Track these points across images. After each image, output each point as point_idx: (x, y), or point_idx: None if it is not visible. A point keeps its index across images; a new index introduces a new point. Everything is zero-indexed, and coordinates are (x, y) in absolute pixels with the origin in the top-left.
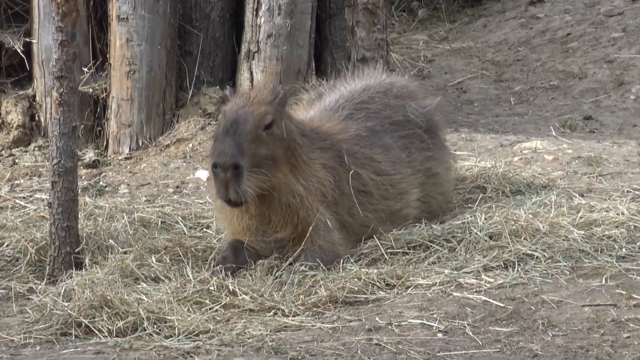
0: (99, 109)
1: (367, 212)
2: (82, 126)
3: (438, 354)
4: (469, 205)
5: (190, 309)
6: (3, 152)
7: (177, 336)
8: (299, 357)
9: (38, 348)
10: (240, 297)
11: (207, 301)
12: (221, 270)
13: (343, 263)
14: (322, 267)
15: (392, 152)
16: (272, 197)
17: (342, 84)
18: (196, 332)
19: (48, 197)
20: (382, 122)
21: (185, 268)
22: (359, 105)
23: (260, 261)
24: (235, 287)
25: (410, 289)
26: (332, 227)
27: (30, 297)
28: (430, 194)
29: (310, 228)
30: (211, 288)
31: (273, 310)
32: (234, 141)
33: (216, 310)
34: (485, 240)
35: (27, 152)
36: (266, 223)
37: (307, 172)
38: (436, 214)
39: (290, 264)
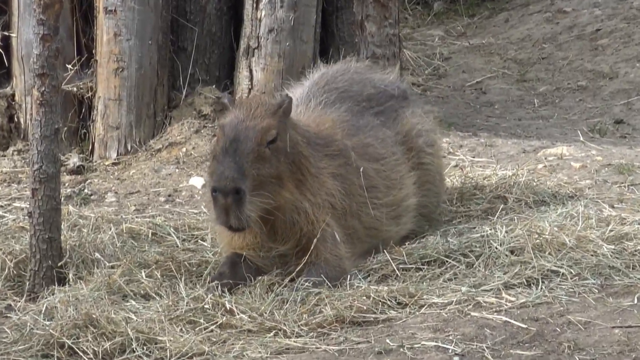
0: (84, 110)
1: (375, 210)
2: (66, 128)
3: None
4: (489, 217)
5: (183, 329)
6: None
7: (169, 358)
8: None
9: None
10: (237, 317)
11: (202, 320)
12: (217, 287)
13: (350, 279)
14: (327, 284)
15: (378, 131)
16: (276, 216)
17: (299, 82)
18: (190, 355)
19: (28, 206)
20: (356, 100)
21: (178, 284)
22: (327, 89)
23: (260, 277)
24: (232, 306)
25: (424, 308)
26: (340, 240)
27: (8, 315)
28: (423, 172)
29: (316, 240)
30: (206, 306)
31: (274, 331)
32: (235, 162)
33: (211, 331)
34: (506, 255)
35: (5, 156)
36: (269, 239)
37: (315, 185)
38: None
39: (293, 279)
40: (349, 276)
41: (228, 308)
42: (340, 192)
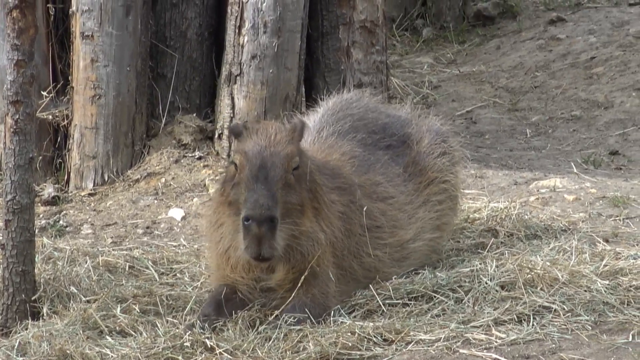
0: (59, 139)
1: (377, 250)
2: (40, 158)
3: None
4: (479, 251)
5: None
6: None
7: None
8: None
9: None
10: (217, 353)
11: (180, 358)
12: (197, 325)
13: (334, 315)
14: (310, 320)
15: (388, 169)
16: (291, 246)
17: (312, 109)
18: None
19: (1, 238)
20: (370, 130)
21: (156, 321)
22: (341, 115)
23: (241, 313)
24: (212, 343)
25: (410, 345)
26: (331, 278)
27: None
28: (439, 203)
29: (309, 276)
30: (185, 344)
31: None
32: (267, 190)
33: None
34: (497, 291)
35: None
36: (268, 270)
37: (329, 216)
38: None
39: (276, 316)
40: (332, 312)
41: (209, 346)
42: (342, 231)
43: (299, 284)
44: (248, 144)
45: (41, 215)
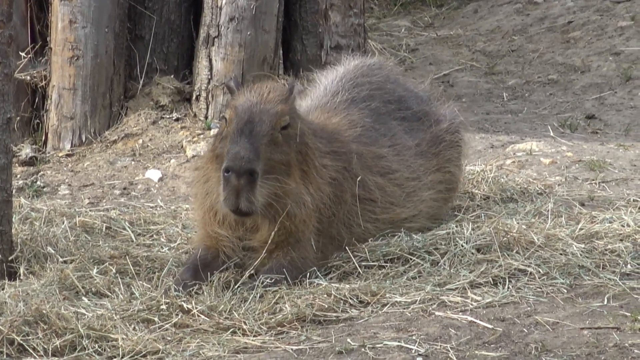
0: (37, 99)
1: (368, 224)
2: (18, 118)
3: None
4: (455, 213)
5: (137, 327)
6: None
7: (122, 357)
8: None
9: None
10: (193, 314)
11: (156, 319)
12: (174, 287)
13: (310, 277)
14: (287, 281)
15: (398, 140)
16: (274, 205)
17: (332, 67)
18: (143, 353)
19: None
20: (386, 100)
21: (133, 283)
22: (359, 82)
23: (217, 274)
24: (189, 306)
25: (386, 307)
26: (313, 245)
27: None
28: (439, 192)
29: (290, 239)
30: (162, 307)
31: (231, 329)
32: (250, 143)
33: (166, 329)
34: (473, 254)
35: None
36: (252, 230)
37: (317, 181)
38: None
39: (251, 276)
40: (308, 273)
41: (185, 308)
42: (331, 198)
43: (278, 245)
44: (240, 99)
45: (19, 176)
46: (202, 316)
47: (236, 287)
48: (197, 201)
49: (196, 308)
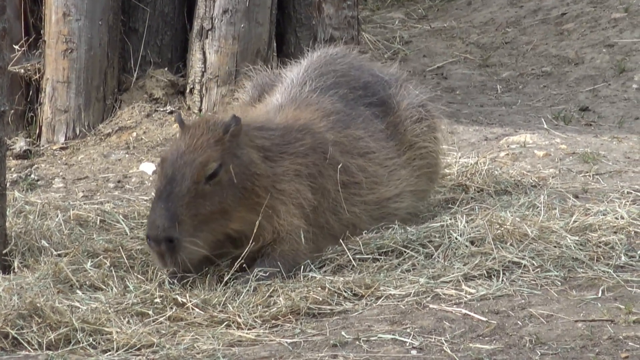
0: (31, 93)
1: (354, 207)
2: (12, 111)
3: None
4: (449, 206)
5: (131, 321)
6: None
7: (116, 350)
8: None
9: None
10: (187, 308)
11: (150, 312)
12: (167, 280)
13: (304, 270)
14: (281, 274)
15: (370, 124)
16: (229, 238)
17: (296, 61)
18: (138, 346)
19: None
20: (352, 87)
21: (127, 276)
22: (325, 70)
23: (211, 267)
24: (184, 299)
25: (380, 300)
26: (302, 238)
27: None
28: (418, 169)
29: (277, 235)
30: (156, 300)
31: (226, 323)
32: (167, 209)
33: (161, 323)
34: (467, 246)
35: None
36: (227, 252)
37: (275, 200)
38: (425, 199)
39: (244, 269)
40: (302, 266)
41: (180, 301)
42: (309, 189)
43: (268, 242)
44: (170, 149)
45: (13, 169)
46: (197, 309)
47: (227, 278)
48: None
49: (190, 301)
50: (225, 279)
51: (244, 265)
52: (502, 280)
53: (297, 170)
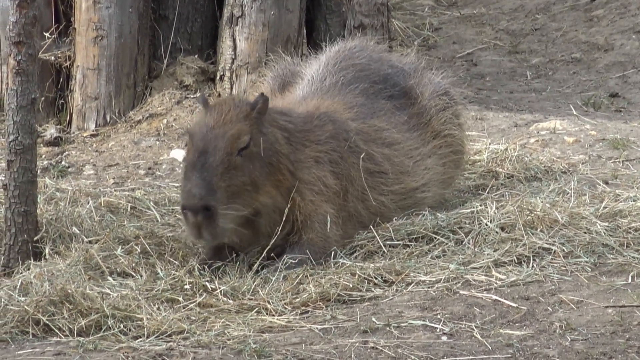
0: (61, 80)
1: (382, 196)
2: (43, 98)
3: None
4: (479, 192)
5: (161, 307)
6: None
7: (147, 337)
8: None
9: None
10: (218, 295)
11: (181, 299)
12: (197, 267)
13: (334, 257)
14: (310, 261)
15: (393, 116)
16: (257, 218)
17: (313, 57)
18: (168, 333)
19: (3, 178)
20: (373, 80)
21: (157, 263)
22: (344, 65)
23: (241, 255)
24: (213, 285)
25: (411, 286)
26: (330, 223)
27: None
28: (444, 156)
29: (300, 223)
30: (186, 286)
31: (256, 309)
32: (202, 178)
33: (191, 309)
34: (497, 232)
35: None
36: (253, 239)
37: (293, 184)
38: (452, 186)
39: (273, 258)
40: (331, 253)
41: (209, 288)
42: (332, 174)
43: (297, 230)
44: (198, 123)
45: (43, 156)
46: (226, 297)
47: (259, 265)
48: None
49: (219, 288)
50: (255, 266)
51: (273, 254)
52: (532, 266)
53: (317, 157)
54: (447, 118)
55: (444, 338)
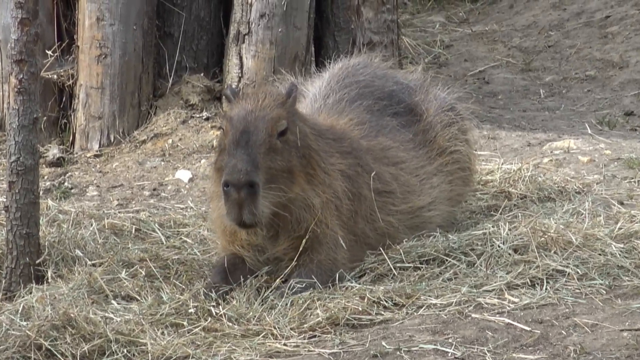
0: (64, 99)
1: (389, 217)
2: (45, 118)
3: None
4: (491, 213)
5: (165, 332)
6: None
7: None
8: None
9: None
10: (222, 320)
11: (185, 323)
12: (203, 292)
13: (343, 280)
14: (317, 286)
15: (398, 134)
16: (282, 214)
17: (316, 74)
18: (173, 358)
19: (4, 200)
20: (377, 97)
21: (162, 287)
22: (348, 82)
23: (248, 281)
24: (218, 310)
25: (422, 310)
26: (340, 245)
27: None
28: (451, 174)
29: (312, 241)
30: (190, 310)
31: (262, 334)
32: (247, 154)
33: (196, 334)
34: (509, 254)
35: None
36: (271, 240)
37: (326, 181)
38: (461, 204)
39: (284, 281)
40: (338, 276)
41: (214, 313)
42: (347, 194)
43: (303, 250)
44: (235, 108)
45: (46, 177)
46: (231, 322)
47: (266, 294)
48: (211, 216)
49: (225, 314)
50: (263, 294)
51: (282, 278)
52: (546, 289)
53: (343, 170)
54: (453, 134)
55: None
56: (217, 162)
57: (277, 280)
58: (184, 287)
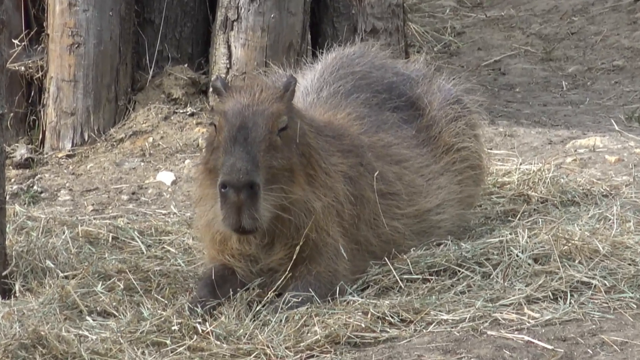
0: (33, 93)
1: (394, 221)
2: (12, 114)
3: None
4: (509, 219)
5: (146, 351)
6: None
7: None
8: None
9: None
10: (208, 337)
11: (168, 342)
12: (188, 307)
13: (344, 294)
14: (315, 300)
15: (399, 130)
16: (282, 217)
17: (308, 66)
18: None
19: None
20: (375, 90)
21: (142, 301)
22: (343, 74)
23: (239, 294)
24: (205, 328)
25: (432, 326)
26: (341, 255)
27: None
28: (460, 173)
29: (310, 250)
30: (173, 328)
31: (254, 354)
32: (246, 152)
33: (180, 353)
34: (529, 265)
35: None
36: (265, 249)
37: (327, 184)
38: (472, 207)
39: (278, 294)
40: (338, 289)
41: (200, 331)
42: (349, 197)
43: (300, 260)
44: (228, 102)
45: (13, 180)
46: (219, 341)
47: (258, 309)
48: (197, 222)
49: (212, 332)
50: (255, 309)
51: (276, 291)
52: (570, 302)
53: (345, 172)
54: (460, 129)
55: None
56: (208, 162)
57: (271, 293)
58: (166, 301)
